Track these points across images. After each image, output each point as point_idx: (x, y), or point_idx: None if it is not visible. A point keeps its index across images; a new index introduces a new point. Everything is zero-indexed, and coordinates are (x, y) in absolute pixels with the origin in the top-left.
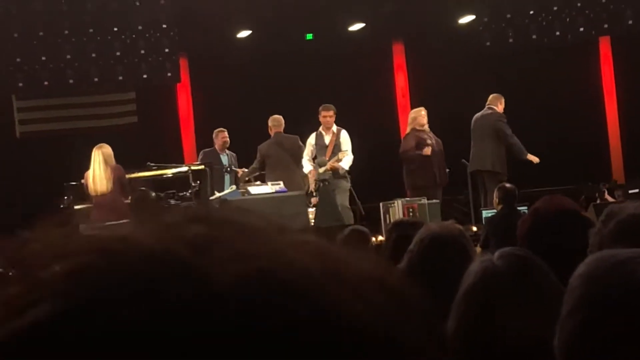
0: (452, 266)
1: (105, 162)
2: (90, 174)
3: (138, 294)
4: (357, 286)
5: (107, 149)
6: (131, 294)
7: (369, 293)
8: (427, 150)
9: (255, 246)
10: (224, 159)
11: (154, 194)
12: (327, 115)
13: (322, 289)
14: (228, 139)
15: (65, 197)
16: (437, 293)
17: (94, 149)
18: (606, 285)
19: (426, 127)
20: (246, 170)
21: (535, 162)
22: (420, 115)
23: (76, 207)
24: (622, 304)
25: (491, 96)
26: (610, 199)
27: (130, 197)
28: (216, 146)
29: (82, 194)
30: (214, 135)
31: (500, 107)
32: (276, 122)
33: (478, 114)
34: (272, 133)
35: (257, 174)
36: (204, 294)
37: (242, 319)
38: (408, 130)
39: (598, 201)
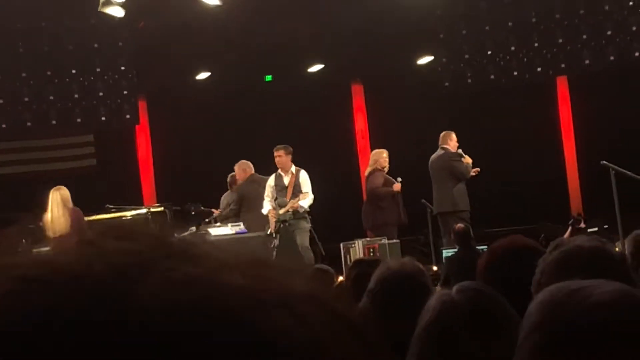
0: (412, 304)
1: (64, 204)
2: (48, 216)
3: (54, 321)
4: (296, 307)
5: (65, 191)
6: (48, 322)
7: (308, 313)
8: (398, 187)
9: (184, 267)
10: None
11: None
12: (276, 155)
13: (257, 311)
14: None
15: (23, 240)
16: (400, 331)
17: (51, 191)
18: (562, 309)
19: (386, 169)
20: (222, 210)
21: (474, 170)
22: (382, 157)
23: (34, 250)
24: (576, 324)
25: (441, 135)
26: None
27: None
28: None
29: (40, 237)
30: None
31: (451, 144)
32: (248, 165)
33: (433, 156)
34: (245, 175)
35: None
36: (126, 320)
37: (165, 344)
38: (370, 169)
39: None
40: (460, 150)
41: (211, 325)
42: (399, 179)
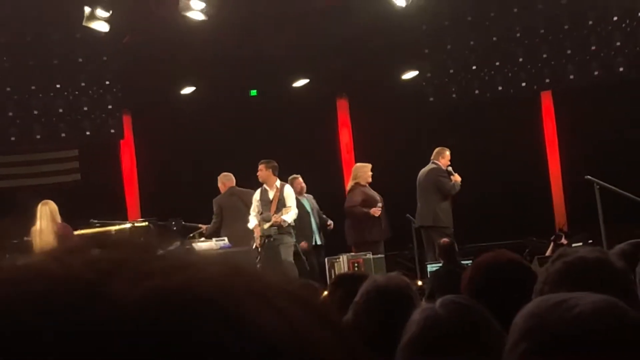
0: (398, 318)
1: (53, 218)
2: (37, 229)
3: (39, 319)
4: (269, 297)
5: (53, 205)
6: (31, 320)
7: (281, 304)
8: (377, 212)
9: (159, 264)
10: (306, 204)
11: None
12: (258, 169)
13: (232, 300)
14: (304, 184)
15: (7, 256)
16: (384, 345)
17: (40, 205)
18: (547, 319)
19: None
20: (208, 226)
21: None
22: (366, 172)
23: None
24: (561, 334)
25: (435, 150)
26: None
27: None
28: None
29: (24, 252)
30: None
31: (443, 161)
32: (228, 178)
33: (423, 169)
34: (225, 188)
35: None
36: (106, 314)
37: (144, 335)
38: (351, 184)
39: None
40: (450, 168)
41: (194, 326)
42: (380, 205)
